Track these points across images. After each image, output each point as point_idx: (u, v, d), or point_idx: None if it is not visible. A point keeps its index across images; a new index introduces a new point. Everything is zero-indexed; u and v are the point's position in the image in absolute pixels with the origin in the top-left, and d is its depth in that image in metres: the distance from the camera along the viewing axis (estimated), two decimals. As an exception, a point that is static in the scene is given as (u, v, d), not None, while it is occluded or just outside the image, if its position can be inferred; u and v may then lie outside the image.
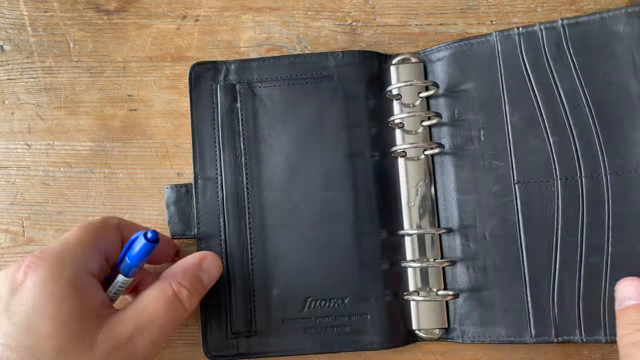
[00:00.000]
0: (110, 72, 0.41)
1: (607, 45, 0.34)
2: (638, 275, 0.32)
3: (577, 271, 0.34)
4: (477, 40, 0.37)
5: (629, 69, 0.34)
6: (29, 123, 0.41)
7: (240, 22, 0.41)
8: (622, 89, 0.34)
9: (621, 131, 0.34)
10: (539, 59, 0.36)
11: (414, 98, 0.38)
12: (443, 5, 0.41)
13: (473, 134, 0.37)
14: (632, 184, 0.34)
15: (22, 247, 0.39)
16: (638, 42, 0.34)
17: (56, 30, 0.41)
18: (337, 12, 0.41)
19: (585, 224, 0.34)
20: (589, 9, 0.41)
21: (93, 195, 0.40)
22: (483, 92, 0.37)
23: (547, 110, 0.35)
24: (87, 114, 0.41)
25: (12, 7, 0.42)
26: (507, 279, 0.35)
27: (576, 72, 0.35)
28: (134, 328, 0.29)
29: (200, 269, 0.33)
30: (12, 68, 0.41)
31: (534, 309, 0.35)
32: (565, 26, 0.35)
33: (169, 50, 0.41)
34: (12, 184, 0.40)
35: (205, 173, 0.38)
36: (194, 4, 0.41)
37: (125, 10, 0.41)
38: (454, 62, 0.38)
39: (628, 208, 0.33)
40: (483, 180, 0.36)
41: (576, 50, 0.35)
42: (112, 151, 0.40)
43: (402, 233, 0.37)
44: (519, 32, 0.36)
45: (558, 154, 0.35)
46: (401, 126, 0.38)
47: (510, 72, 0.36)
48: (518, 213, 0.35)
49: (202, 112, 0.38)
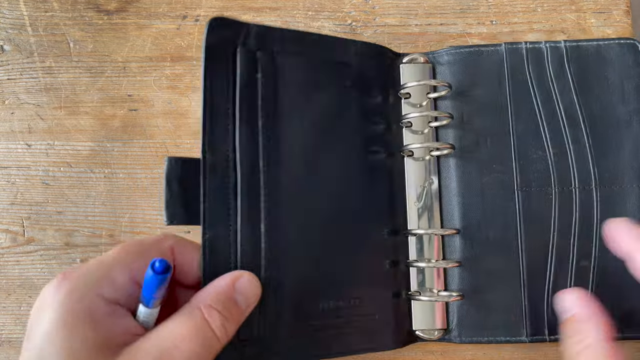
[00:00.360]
0: (111, 72, 0.41)
1: (601, 69, 0.38)
2: (619, 282, 0.35)
3: (569, 274, 0.36)
4: (487, 49, 0.38)
5: (619, 94, 0.37)
6: (29, 123, 0.41)
7: (240, 22, 0.41)
8: (611, 111, 0.37)
9: (610, 149, 0.37)
10: (543, 74, 0.38)
11: (422, 98, 0.38)
12: (443, 5, 0.41)
13: (479, 138, 0.38)
14: (617, 198, 0.36)
15: (22, 247, 0.40)
16: (627, 71, 0.38)
17: (56, 30, 0.41)
18: (336, 12, 0.41)
19: (577, 231, 0.36)
20: (589, 8, 0.41)
21: (93, 195, 0.40)
22: (490, 100, 0.38)
23: (548, 123, 0.37)
24: (87, 114, 0.41)
25: (12, 7, 0.42)
26: (506, 281, 0.36)
27: (575, 90, 0.38)
28: (154, 357, 0.25)
29: (235, 291, 0.28)
30: (12, 68, 0.41)
31: (530, 309, 0.36)
32: (567, 47, 0.38)
33: (169, 51, 0.41)
34: (12, 184, 0.40)
35: (216, 148, 0.31)
36: (194, 4, 0.41)
37: (126, 10, 0.41)
38: (464, 67, 0.38)
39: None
40: (487, 185, 0.37)
41: (575, 70, 0.38)
42: (112, 151, 0.40)
43: (412, 232, 0.37)
44: (527, 47, 0.38)
45: (556, 165, 0.37)
46: (409, 125, 0.38)
47: (517, 83, 0.38)
48: (519, 218, 0.37)
49: (216, 76, 0.32)
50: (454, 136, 0.38)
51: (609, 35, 0.40)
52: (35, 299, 0.39)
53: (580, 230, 0.36)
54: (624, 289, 0.35)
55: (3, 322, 0.38)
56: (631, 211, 0.36)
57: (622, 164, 0.37)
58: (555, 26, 0.41)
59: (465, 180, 0.37)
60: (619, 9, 0.41)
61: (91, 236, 0.39)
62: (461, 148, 0.38)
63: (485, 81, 0.38)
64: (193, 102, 0.40)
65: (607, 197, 0.37)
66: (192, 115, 0.40)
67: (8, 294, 0.39)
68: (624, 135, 0.37)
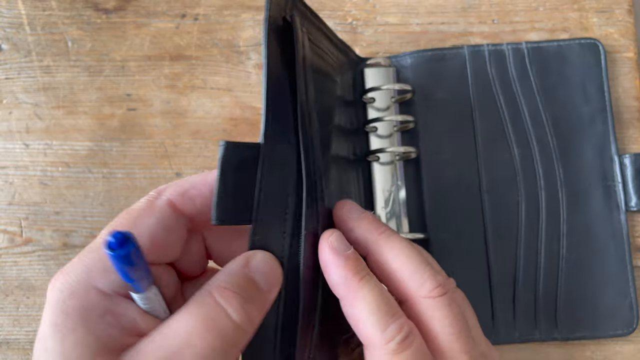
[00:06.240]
0: (109, 72, 0.41)
1: (563, 70, 0.38)
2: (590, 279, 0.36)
3: (537, 274, 0.36)
4: (449, 52, 0.39)
5: (581, 94, 0.38)
6: (27, 123, 0.40)
7: (239, 20, 0.41)
8: (575, 111, 0.38)
9: (574, 149, 0.37)
10: (505, 76, 0.38)
11: (387, 102, 0.38)
12: (444, 4, 0.41)
13: (444, 141, 0.38)
14: (582, 198, 0.37)
15: (20, 248, 0.39)
16: (588, 70, 0.38)
17: (54, 29, 0.41)
18: (337, 11, 0.41)
19: (544, 230, 0.37)
20: (591, 7, 0.40)
21: (91, 195, 0.39)
22: (455, 102, 0.38)
23: (512, 124, 0.38)
24: (86, 114, 0.40)
25: (10, 5, 0.41)
26: (475, 287, 0.36)
27: (537, 91, 0.38)
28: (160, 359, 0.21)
29: (250, 270, 0.23)
30: (10, 67, 0.41)
31: (497, 311, 0.36)
32: (529, 49, 0.39)
33: (167, 49, 0.41)
34: (10, 184, 0.40)
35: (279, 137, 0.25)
36: (193, 3, 0.41)
37: (124, 9, 0.41)
38: (427, 70, 0.38)
39: (577, 218, 0.37)
40: (453, 187, 0.37)
41: (538, 71, 0.38)
42: (110, 151, 0.40)
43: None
44: (489, 49, 0.39)
45: (522, 165, 0.37)
46: (374, 130, 0.37)
47: (480, 86, 0.38)
48: (485, 219, 0.37)
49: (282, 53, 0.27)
50: (419, 140, 0.38)
51: (612, 34, 0.40)
52: (33, 299, 0.39)
53: (548, 229, 0.37)
54: (597, 284, 0.36)
55: (1, 323, 0.38)
56: (596, 210, 0.37)
57: (586, 163, 0.37)
58: (557, 25, 0.40)
59: (432, 184, 0.37)
60: (621, 8, 0.40)
61: (89, 237, 0.39)
62: (427, 151, 0.38)
63: (448, 84, 0.38)
64: (192, 101, 0.40)
65: (572, 196, 0.37)
66: (191, 114, 0.40)
67: (6, 295, 0.38)
68: (588, 135, 0.37)
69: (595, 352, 0.37)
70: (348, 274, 0.24)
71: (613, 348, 0.36)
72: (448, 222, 0.37)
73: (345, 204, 0.28)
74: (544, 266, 0.36)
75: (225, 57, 0.40)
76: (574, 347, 0.37)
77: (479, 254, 0.37)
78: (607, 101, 0.38)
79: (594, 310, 0.36)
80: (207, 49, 0.41)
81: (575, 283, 0.36)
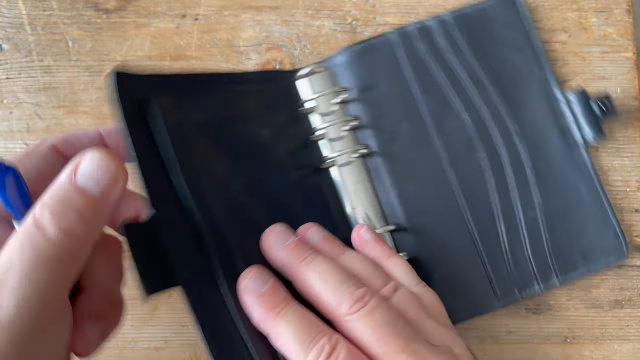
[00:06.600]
0: (110, 72, 0.41)
1: (491, 30, 0.39)
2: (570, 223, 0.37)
3: (519, 228, 0.37)
4: (377, 41, 0.39)
5: (512, 48, 0.39)
6: (28, 123, 0.40)
7: (240, 21, 0.41)
8: (511, 65, 0.39)
9: (521, 100, 0.38)
10: (438, 49, 0.39)
11: (329, 107, 0.38)
12: (444, 5, 0.41)
13: (397, 129, 0.38)
14: (540, 145, 0.38)
15: (21, 247, 0.39)
16: (512, 23, 0.39)
17: (55, 30, 0.41)
18: (337, 11, 0.41)
19: (515, 184, 0.37)
20: (590, 7, 0.40)
21: (92, 195, 0.40)
22: (395, 89, 0.38)
23: (456, 94, 0.38)
24: (87, 114, 0.40)
25: (10, 5, 0.41)
26: (464, 257, 0.37)
27: (472, 55, 0.39)
28: None
29: (76, 176, 0.22)
30: (10, 67, 0.41)
31: (495, 273, 0.36)
32: (455, 18, 0.39)
33: (168, 50, 0.41)
34: (10, 184, 0.40)
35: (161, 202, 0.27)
36: (194, 3, 0.41)
37: (125, 9, 0.41)
38: (360, 65, 0.38)
39: (541, 165, 0.38)
40: (418, 170, 0.38)
41: (468, 37, 0.39)
42: (111, 151, 0.40)
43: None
44: (417, 26, 0.39)
45: (477, 129, 0.38)
46: (323, 138, 0.37)
47: (416, 65, 0.38)
48: (458, 191, 0.37)
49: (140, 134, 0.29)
50: (372, 135, 0.38)
51: (611, 34, 0.40)
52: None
53: (517, 183, 0.37)
54: (575, 227, 0.37)
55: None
56: (558, 152, 0.38)
57: (536, 111, 0.38)
58: (557, 25, 0.40)
59: (396, 172, 0.37)
60: (620, 8, 0.40)
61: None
62: (382, 143, 0.38)
63: (384, 72, 0.38)
64: (192, 101, 0.40)
65: (532, 145, 0.38)
66: (191, 114, 0.40)
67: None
68: (530, 84, 0.39)
69: (594, 351, 0.37)
70: (265, 311, 0.27)
71: (612, 347, 0.37)
72: (422, 205, 0.37)
73: (270, 235, 0.30)
74: (524, 220, 0.37)
75: (225, 57, 0.40)
76: (572, 347, 0.37)
77: (460, 228, 0.37)
78: (536, 47, 0.39)
79: (584, 248, 0.37)
80: (207, 49, 0.41)
81: (558, 227, 0.37)
